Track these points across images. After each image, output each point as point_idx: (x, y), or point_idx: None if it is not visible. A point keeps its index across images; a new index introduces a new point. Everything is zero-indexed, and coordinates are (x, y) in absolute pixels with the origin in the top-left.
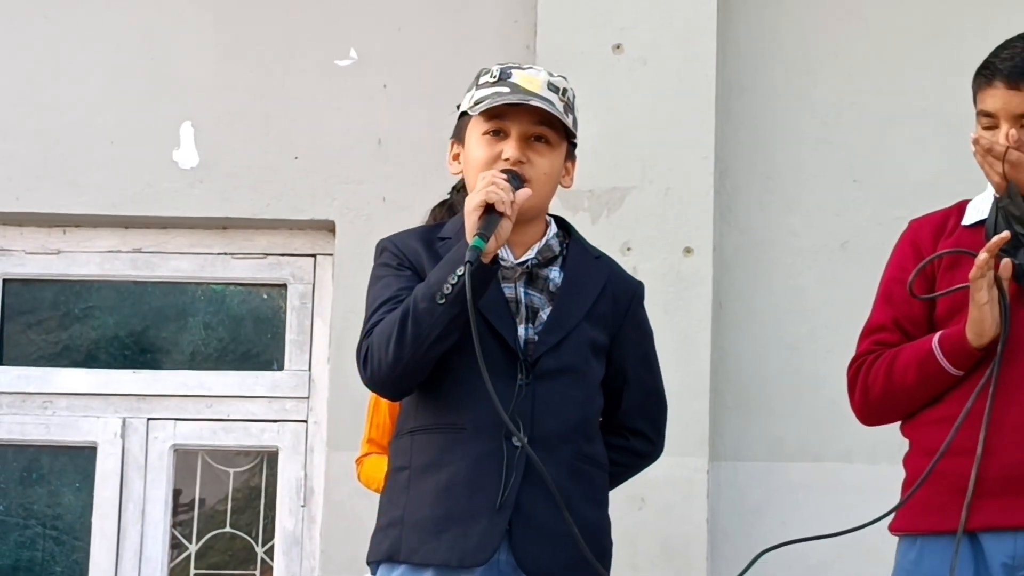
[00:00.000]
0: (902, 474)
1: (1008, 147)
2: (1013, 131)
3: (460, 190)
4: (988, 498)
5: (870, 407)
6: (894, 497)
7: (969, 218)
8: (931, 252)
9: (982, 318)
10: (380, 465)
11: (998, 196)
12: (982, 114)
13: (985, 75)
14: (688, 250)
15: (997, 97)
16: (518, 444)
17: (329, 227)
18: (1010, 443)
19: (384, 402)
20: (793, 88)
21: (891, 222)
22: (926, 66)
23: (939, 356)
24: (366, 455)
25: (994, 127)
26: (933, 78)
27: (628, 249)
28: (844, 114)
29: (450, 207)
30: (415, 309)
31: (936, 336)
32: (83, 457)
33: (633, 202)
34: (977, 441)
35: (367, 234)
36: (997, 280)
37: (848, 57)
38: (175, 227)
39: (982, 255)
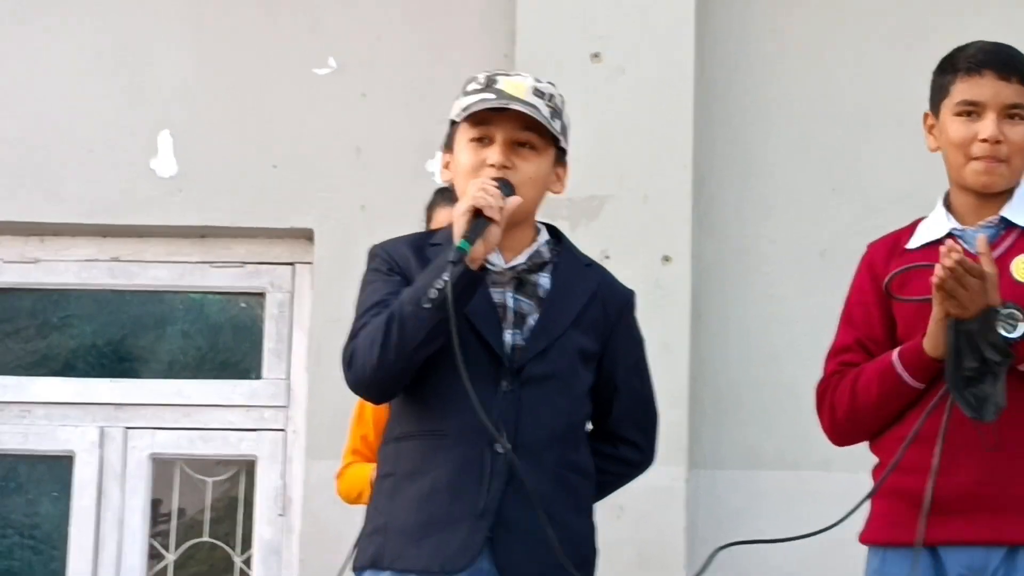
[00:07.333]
0: None
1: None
2: (994, 119)
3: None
4: (947, 515)
5: (838, 426)
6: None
7: (914, 242)
8: (884, 273)
9: (937, 331)
10: (360, 472)
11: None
12: (963, 104)
13: (970, 64)
14: (666, 258)
15: (986, 86)
16: (501, 451)
17: (307, 235)
18: (966, 462)
19: (369, 413)
20: (771, 96)
21: (870, 230)
22: (904, 73)
23: (899, 368)
24: (347, 465)
25: (973, 115)
26: (911, 85)
27: (606, 257)
28: (822, 122)
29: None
30: (401, 313)
31: (896, 350)
32: (61, 466)
33: (611, 210)
34: (933, 459)
35: (346, 242)
36: None
37: (826, 65)
38: (153, 236)
39: (939, 269)
